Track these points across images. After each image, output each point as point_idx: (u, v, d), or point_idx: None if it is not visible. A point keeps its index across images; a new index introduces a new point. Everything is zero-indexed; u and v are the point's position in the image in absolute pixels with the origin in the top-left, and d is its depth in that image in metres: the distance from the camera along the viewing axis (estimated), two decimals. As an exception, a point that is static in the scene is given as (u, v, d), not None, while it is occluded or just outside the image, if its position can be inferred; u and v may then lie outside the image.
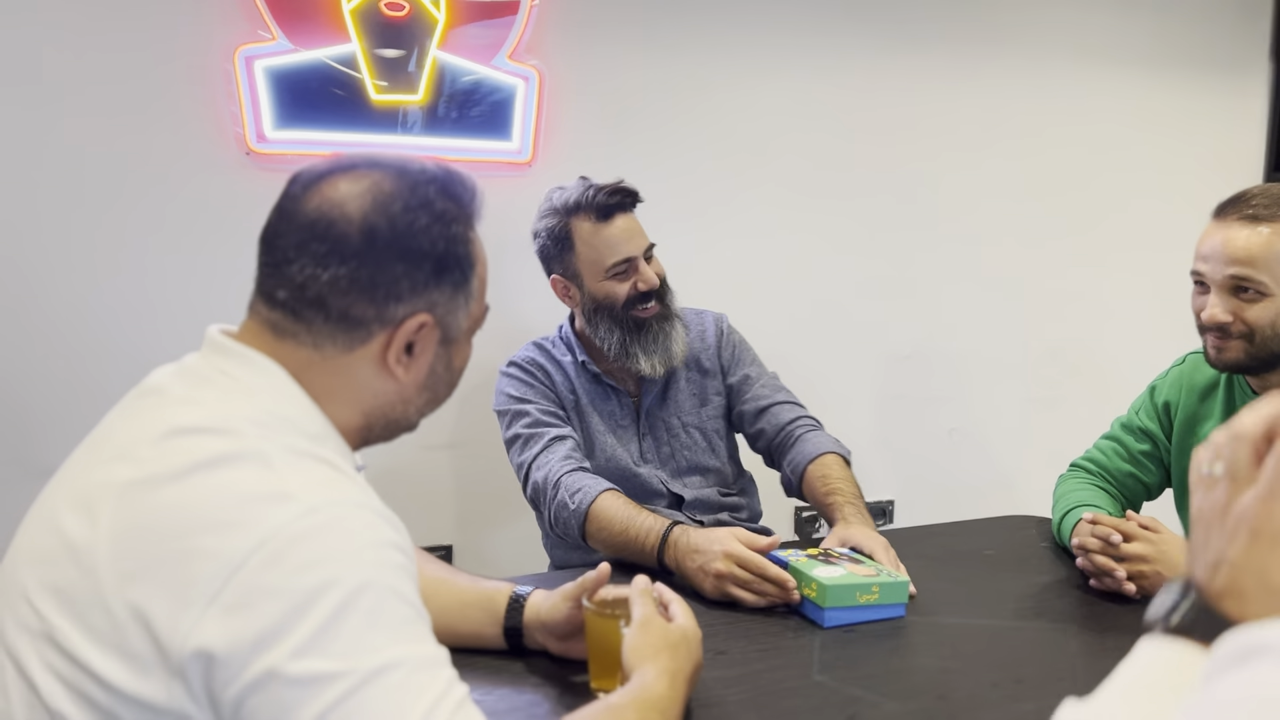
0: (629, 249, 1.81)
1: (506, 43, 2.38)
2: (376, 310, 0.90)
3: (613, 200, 1.80)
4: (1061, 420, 3.10)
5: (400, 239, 0.89)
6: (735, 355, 1.99)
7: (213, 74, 2.23)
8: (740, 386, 1.97)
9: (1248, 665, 0.53)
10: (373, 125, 2.31)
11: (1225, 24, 3.15)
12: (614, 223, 1.81)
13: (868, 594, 1.39)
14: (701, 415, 1.96)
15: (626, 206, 1.83)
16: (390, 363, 0.92)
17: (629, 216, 1.83)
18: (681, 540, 1.51)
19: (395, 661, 0.75)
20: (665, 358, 1.85)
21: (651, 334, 1.84)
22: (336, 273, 0.88)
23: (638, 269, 1.82)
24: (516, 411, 1.82)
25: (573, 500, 1.65)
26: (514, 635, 1.27)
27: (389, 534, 0.82)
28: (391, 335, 0.91)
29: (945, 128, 2.88)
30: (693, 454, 1.94)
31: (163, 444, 0.82)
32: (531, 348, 1.93)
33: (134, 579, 0.76)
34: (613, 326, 1.84)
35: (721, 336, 1.99)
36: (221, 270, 2.26)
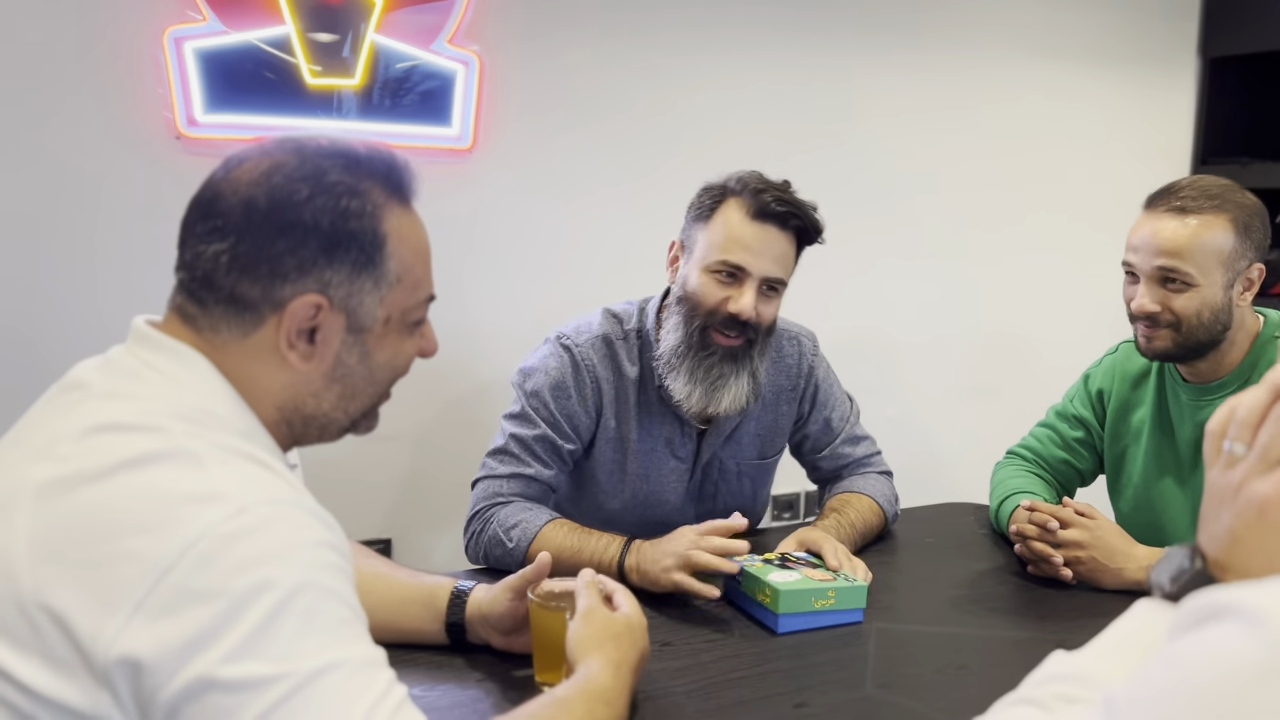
0: (749, 260, 1.55)
1: (445, 27, 2.33)
2: (262, 290, 0.86)
3: (776, 208, 1.56)
4: (998, 408, 3.15)
5: (278, 211, 0.85)
6: (817, 398, 1.79)
7: (140, 56, 2.15)
8: (819, 436, 1.80)
9: (1207, 625, 0.56)
10: (308, 109, 2.25)
11: (1155, 20, 3.21)
12: (762, 227, 1.55)
13: (823, 599, 1.34)
14: (759, 463, 1.79)
15: (787, 224, 1.57)
16: (283, 348, 0.87)
17: (783, 237, 1.57)
18: (644, 545, 1.44)
19: (333, 663, 0.73)
20: (707, 397, 1.60)
21: (709, 364, 1.59)
22: (219, 248, 0.85)
23: (742, 287, 1.56)
24: (524, 414, 1.63)
25: (509, 538, 1.51)
26: (456, 630, 1.24)
27: (324, 534, 0.79)
28: (281, 318, 0.87)
29: (878, 116, 2.90)
30: (734, 499, 1.78)
31: (85, 441, 0.78)
32: (598, 340, 1.66)
33: (54, 583, 0.72)
34: (680, 325, 1.60)
35: (807, 377, 1.78)
36: (149, 258, 2.19)
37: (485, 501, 1.58)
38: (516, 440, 1.61)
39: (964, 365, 3.14)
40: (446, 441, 2.53)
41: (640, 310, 1.72)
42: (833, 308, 2.95)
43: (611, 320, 1.70)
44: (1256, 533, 0.64)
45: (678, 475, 1.73)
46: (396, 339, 0.94)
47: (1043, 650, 0.80)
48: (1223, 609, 0.56)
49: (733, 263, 1.55)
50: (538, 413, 1.62)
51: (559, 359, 1.64)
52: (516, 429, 1.62)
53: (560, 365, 1.64)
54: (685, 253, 1.63)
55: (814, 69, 2.80)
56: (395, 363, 0.96)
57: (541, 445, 1.61)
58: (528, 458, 1.61)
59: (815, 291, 2.90)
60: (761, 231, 1.55)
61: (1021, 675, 0.72)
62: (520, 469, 1.60)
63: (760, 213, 1.55)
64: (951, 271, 3.06)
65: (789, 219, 1.57)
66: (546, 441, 1.62)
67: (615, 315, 1.70)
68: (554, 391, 1.62)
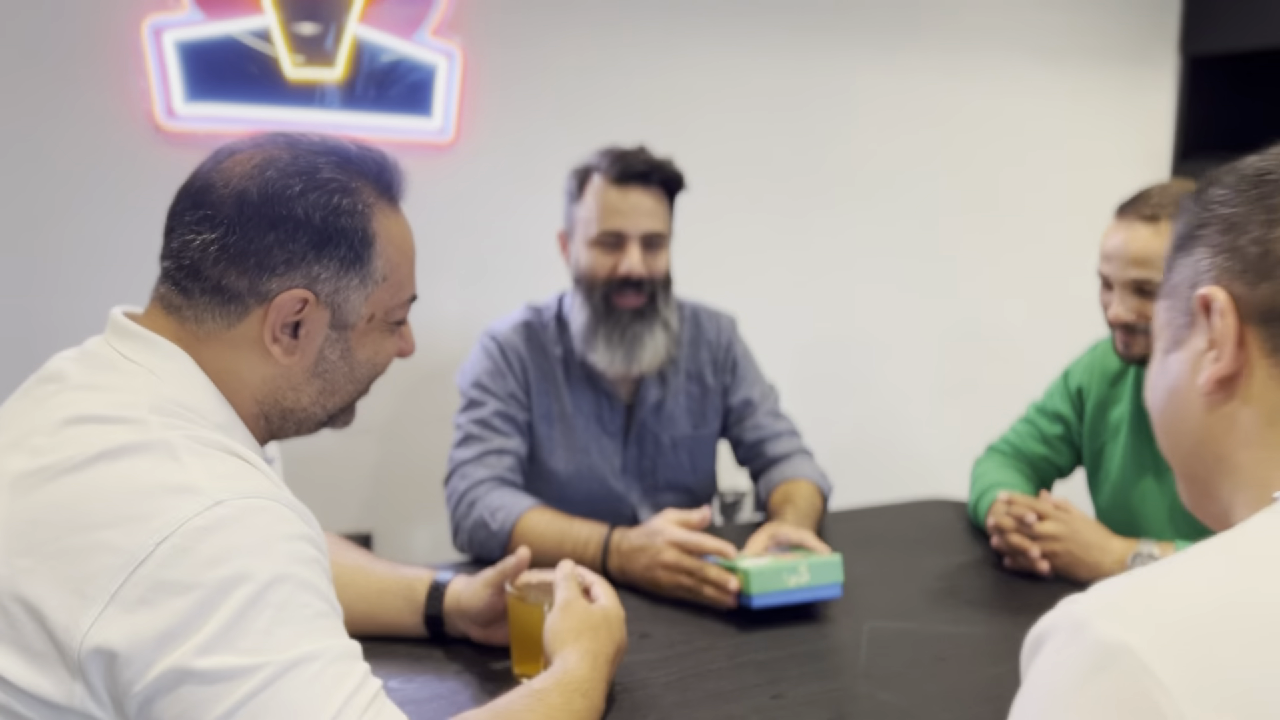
0: (623, 223, 1.65)
1: (428, 19, 2.33)
2: (249, 282, 0.86)
3: (634, 168, 1.65)
4: (976, 404, 3.16)
5: (270, 204, 0.85)
6: (737, 373, 1.86)
7: (119, 46, 2.14)
8: (740, 411, 1.85)
9: (1035, 657, 0.59)
10: (289, 101, 2.24)
11: (1135, 17, 3.23)
12: (625, 191, 1.65)
13: (796, 575, 1.34)
14: (694, 435, 1.84)
15: (649, 181, 1.67)
16: (267, 341, 0.88)
17: (648, 194, 1.67)
18: (623, 544, 1.45)
19: (309, 656, 0.73)
20: (629, 359, 1.68)
21: (621, 327, 1.67)
22: (208, 238, 0.85)
23: (626, 250, 1.66)
24: (473, 400, 1.70)
25: (493, 520, 1.53)
26: (435, 623, 1.25)
27: (300, 527, 0.79)
28: (267, 310, 0.87)
29: (857, 113, 2.90)
30: (674, 473, 1.83)
31: (61, 433, 0.78)
32: (520, 326, 1.76)
33: (28, 574, 0.72)
34: (584, 303, 1.69)
35: (726, 350, 1.85)
36: (128, 250, 2.18)
37: (465, 485, 1.61)
38: (476, 423, 1.68)
39: (945, 363, 3.15)
40: (426, 435, 2.52)
41: (559, 300, 1.81)
42: (814, 305, 2.96)
43: (531, 310, 1.80)
44: None
45: (613, 449, 1.79)
46: (378, 337, 0.95)
47: (1019, 643, 0.81)
48: (1040, 637, 0.59)
49: (610, 229, 1.66)
50: (485, 395, 1.70)
51: (485, 350, 1.75)
52: (472, 414, 1.69)
53: (489, 354, 1.74)
54: (569, 237, 1.74)
55: (797, 64, 2.81)
56: (376, 360, 0.96)
57: (499, 419, 1.69)
58: (490, 434, 1.67)
59: (796, 289, 2.92)
60: (628, 194, 1.66)
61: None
62: (488, 445, 1.66)
63: (622, 177, 1.66)
64: (931, 269, 3.08)
65: (649, 176, 1.67)
66: (502, 414, 1.69)
67: (534, 307, 1.81)
68: (491, 376, 1.72)
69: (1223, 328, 0.66)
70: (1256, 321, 0.65)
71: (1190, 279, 0.69)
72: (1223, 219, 0.69)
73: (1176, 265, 0.72)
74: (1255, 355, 0.65)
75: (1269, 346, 0.65)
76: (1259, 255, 0.65)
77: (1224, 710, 0.51)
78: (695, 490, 1.88)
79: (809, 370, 2.97)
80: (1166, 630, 0.54)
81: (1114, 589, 0.58)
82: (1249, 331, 0.65)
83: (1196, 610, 0.55)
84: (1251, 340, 0.65)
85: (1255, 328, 0.65)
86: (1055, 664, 0.57)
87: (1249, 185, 0.68)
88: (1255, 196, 0.67)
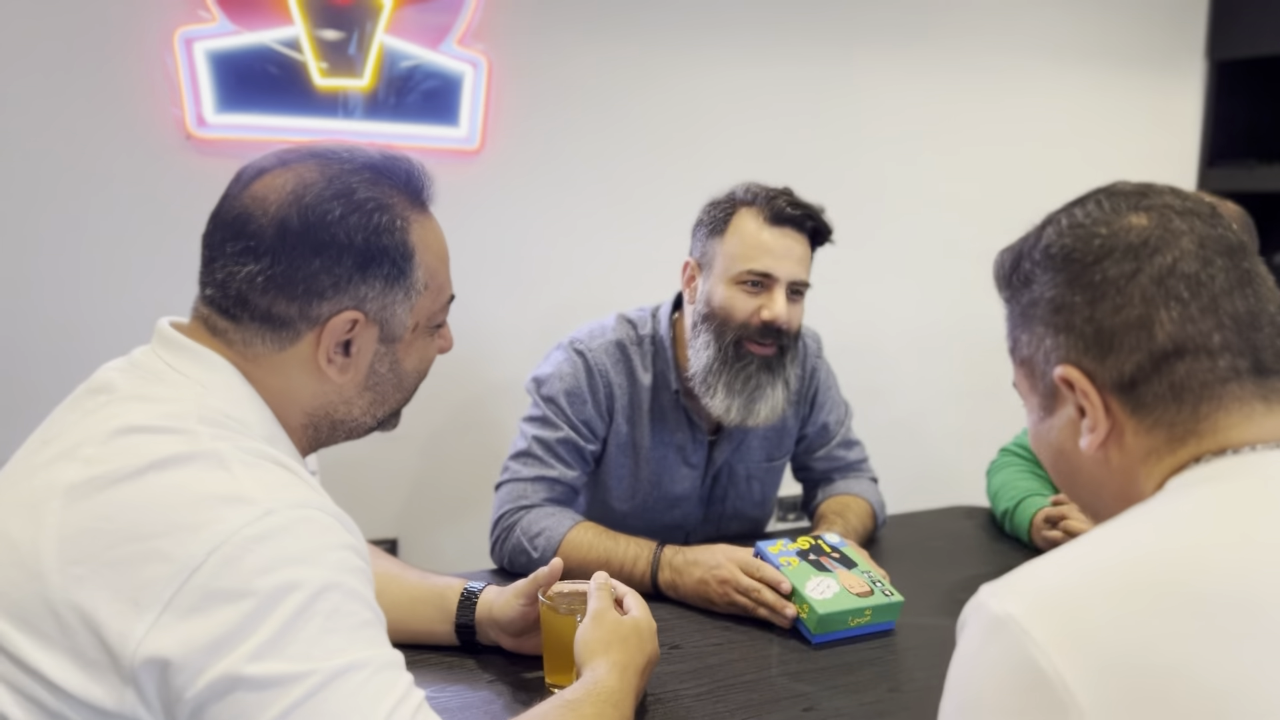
0: (775, 266, 1.55)
1: (454, 28, 2.34)
2: (299, 308, 0.87)
3: (792, 212, 1.56)
4: (1001, 411, 3.14)
5: (313, 231, 0.85)
6: (816, 399, 1.79)
7: (151, 56, 2.16)
8: (815, 439, 1.80)
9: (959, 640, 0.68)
10: (317, 110, 2.26)
11: (1161, 22, 3.21)
12: (780, 231, 1.56)
13: (860, 618, 1.33)
14: (767, 466, 1.79)
15: (803, 227, 1.58)
16: (322, 363, 0.89)
17: (800, 239, 1.58)
18: (676, 558, 1.43)
19: (356, 664, 0.74)
20: (746, 409, 1.58)
21: (746, 375, 1.57)
22: (252, 270, 0.86)
23: (772, 294, 1.56)
24: (544, 417, 1.61)
25: (534, 547, 1.49)
26: (466, 632, 1.25)
27: (346, 537, 0.80)
28: (320, 334, 0.88)
29: (883, 118, 2.90)
30: (743, 504, 1.79)
31: (112, 443, 0.79)
32: (612, 345, 1.65)
33: (82, 582, 0.73)
34: (711, 342, 1.58)
35: (810, 378, 1.78)
36: (161, 257, 2.20)
37: (510, 505, 1.56)
38: (539, 443, 1.60)
39: (967, 368, 3.14)
40: (454, 441, 2.54)
41: (653, 316, 1.71)
42: (831, 310, 2.95)
43: (626, 325, 1.69)
44: None
45: (690, 481, 1.73)
46: (423, 344, 0.97)
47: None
48: (962, 617, 0.68)
49: (759, 270, 1.55)
50: (558, 416, 1.61)
51: (572, 364, 1.64)
52: (539, 431, 1.61)
53: (574, 371, 1.63)
54: (703, 270, 1.62)
55: (822, 70, 2.81)
56: (421, 367, 0.98)
57: (565, 447, 1.61)
58: (551, 459, 1.60)
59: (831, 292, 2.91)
60: (781, 236, 1.56)
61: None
62: (544, 471, 1.59)
63: (777, 218, 1.56)
64: (951, 275, 3.06)
65: (804, 221, 1.58)
66: (569, 443, 1.61)
67: (629, 321, 1.70)
68: (569, 397, 1.62)
69: (1090, 404, 0.74)
70: (1114, 390, 0.73)
71: (1042, 357, 0.77)
72: (1049, 301, 0.76)
73: (1021, 338, 0.80)
74: (1121, 416, 0.74)
75: (1130, 407, 0.73)
76: (1095, 334, 0.73)
77: (1100, 667, 0.58)
78: (758, 518, 1.85)
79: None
80: (1044, 597, 0.62)
81: (1015, 571, 0.67)
82: (1110, 399, 0.74)
83: (1072, 578, 0.63)
84: (1114, 406, 0.74)
85: (1114, 395, 0.73)
86: (962, 645, 0.67)
87: (1058, 267, 0.76)
88: (1069, 279, 0.75)
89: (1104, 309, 0.73)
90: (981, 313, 3.13)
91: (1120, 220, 0.74)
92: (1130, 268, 0.72)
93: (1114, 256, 0.73)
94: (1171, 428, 0.72)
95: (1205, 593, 0.60)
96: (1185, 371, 0.71)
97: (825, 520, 1.65)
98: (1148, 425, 0.72)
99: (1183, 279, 0.71)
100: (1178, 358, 0.71)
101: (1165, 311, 0.71)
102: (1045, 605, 0.62)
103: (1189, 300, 0.71)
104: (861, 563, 1.42)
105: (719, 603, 1.39)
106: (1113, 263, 0.73)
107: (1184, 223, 0.73)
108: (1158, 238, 0.72)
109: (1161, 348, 0.71)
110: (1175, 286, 0.71)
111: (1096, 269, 0.73)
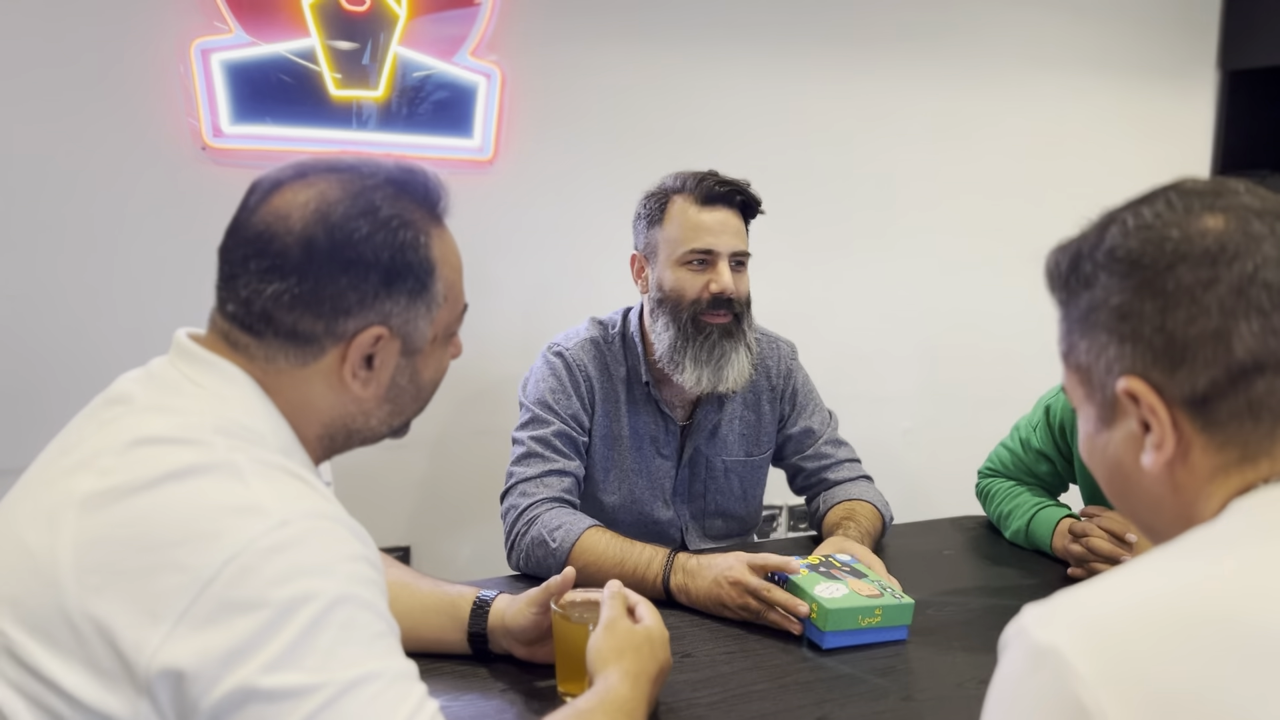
0: (715, 242, 1.66)
1: (468, 39, 2.36)
2: (325, 325, 0.87)
3: (720, 189, 1.67)
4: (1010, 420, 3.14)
5: (340, 250, 0.86)
6: (798, 402, 1.85)
7: (168, 67, 2.18)
8: (800, 439, 1.85)
9: (998, 664, 0.66)
10: (332, 121, 2.28)
11: (1173, 32, 3.21)
12: (713, 210, 1.66)
13: (870, 617, 1.33)
14: (747, 461, 1.84)
15: (733, 203, 1.68)
16: (347, 378, 0.89)
17: (733, 214, 1.69)
18: (690, 562, 1.44)
19: (370, 675, 0.74)
20: (715, 376, 1.67)
21: (709, 344, 1.66)
22: (279, 288, 0.86)
23: (716, 268, 1.66)
24: (536, 417, 1.69)
25: (552, 538, 1.52)
26: (479, 640, 1.25)
27: (359, 548, 0.81)
28: (345, 350, 0.88)
29: (894, 126, 2.90)
30: (724, 499, 1.83)
31: (129, 454, 0.79)
32: (587, 343, 1.75)
33: (98, 592, 0.73)
34: (670, 323, 1.68)
35: (786, 378, 1.85)
36: (178, 267, 2.22)
37: (526, 501, 1.60)
38: (537, 440, 1.66)
39: (989, 376, 3.13)
40: (463, 448, 2.55)
41: (624, 317, 1.80)
42: (855, 318, 2.95)
43: (597, 326, 1.79)
44: None
45: (665, 472, 1.79)
46: (439, 354, 0.98)
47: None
48: (1003, 641, 0.66)
49: (700, 248, 1.66)
50: (547, 413, 1.69)
51: (552, 366, 1.73)
52: (533, 432, 1.68)
53: (555, 370, 1.72)
54: (649, 260, 1.73)
55: (838, 79, 2.81)
56: (437, 377, 0.99)
57: (561, 439, 1.67)
58: (552, 453, 1.66)
59: (839, 303, 2.91)
60: (714, 213, 1.67)
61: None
62: (549, 465, 1.64)
63: (708, 198, 1.67)
64: (963, 285, 3.06)
65: (733, 196, 1.69)
66: (564, 435, 1.68)
67: (600, 322, 1.80)
68: (554, 395, 1.70)
69: (1157, 420, 0.70)
70: (1183, 405, 0.69)
71: (1104, 366, 0.72)
72: (1114, 308, 0.71)
73: (1078, 344, 0.75)
74: (1189, 433, 0.69)
75: (1200, 424, 0.69)
76: (1165, 345, 0.68)
77: (1142, 703, 0.56)
78: (744, 517, 1.87)
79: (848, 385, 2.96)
80: (1089, 630, 0.60)
81: (1056, 597, 0.64)
82: (1178, 414, 0.69)
83: (1117, 610, 0.61)
84: (1183, 422, 0.69)
85: (1183, 411, 0.69)
86: (1003, 668, 0.64)
87: (1125, 271, 0.71)
88: (1137, 285, 0.70)
89: (1176, 319, 0.67)
90: (996, 322, 3.13)
91: (1194, 222, 0.69)
92: (1206, 275, 0.67)
93: (1188, 262, 0.68)
94: (1244, 447, 0.68)
95: (1262, 629, 0.57)
96: (1265, 389, 0.66)
97: (839, 529, 1.65)
98: (1218, 443, 0.68)
99: (1264, 288, 0.66)
100: (1257, 373, 0.66)
101: (1245, 324, 0.66)
102: (1091, 638, 0.59)
103: (1270, 311, 0.66)
104: (871, 574, 1.42)
105: (731, 605, 1.39)
106: (1187, 269, 0.67)
107: (1264, 225, 0.68)
108: (1236, 243, 0.67)
109: (1240, 363, 0.66)
110: (1257, 296, 0.66)
111: (1169, 275, 0.68)
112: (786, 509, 2.88)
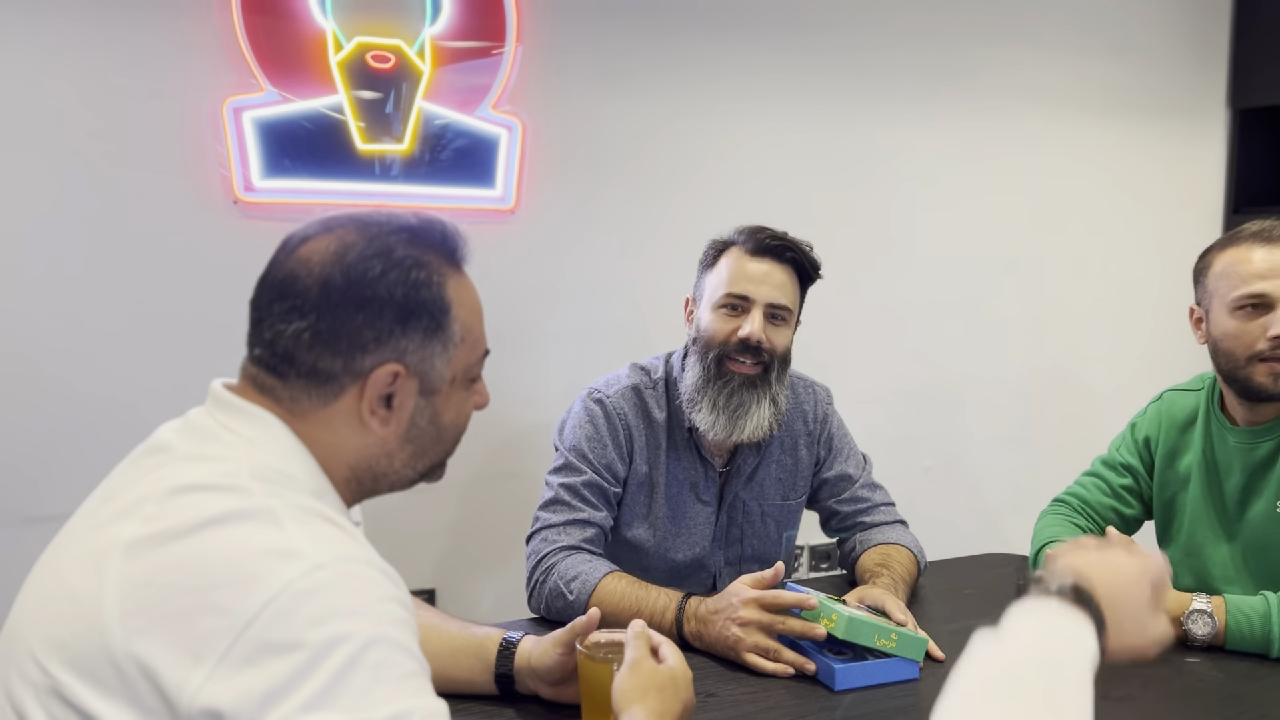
0: (753, 289, 1.67)
1: (490, 93, 2.42)
2: (343, 362, 0.91)
3: (771, 243, 1.69)
4: (1037, 457, 3.14)
5: (355, 288, 0.90)
6: (833, 447, 1.86)
7: (201, 124, 2.25)
8: (836, 484, 1.85)
9: None
10: (359, 174, 2.34)
11: (1183, 71, 3.24)
12: (760, 261, 1.69)
13: (886, 639, 1.34)
14: (783, 505, 1.84)
15: (783, 257, 1.70)
16: (365, 415, 0.93)
17: (781, 269, 1.70)
18: (700, 609, 1.46)
19: (403, 713, 0.76)
20: (731, 424, 1.67)
21: (728, 391, 1.67)
22: (299, 327, 0.90)
23: (749, 315, 1.67)
24: (569, 464, 1.70)
25: (570, 590, 1.54)
26: (505, 681, 1.28)
27: (391, 589, 0.83)
28: (363, 387, 0.92)
29: (918, 167, 2.94)
30: (760, 544, 1.84)
31: (170, 501, 0.83)
32: (627, 390, 1.75)
33: (142, 634, 0.76)
34: (697, 363, 1.70)
35: (822, 423, 1.86)
36: (209, 318, 2.27)
37: (547, 548, 1.61)
38: (566, 489, 1.68)
39: (1001, 415, 3.14)
40: (490, 492, 2.57)
41: (666, 360, 1.81)
42: (875, 358, 2.97)
43: (639, 372, 1.80)
44: None
45: (704, 518, 1.78)
46: (460, 397, 1.00)
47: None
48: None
49: (736, 293, 1.68)
50: (581, 462, 1.70)
51: (590, 413, 1.73)
52: (564, 479, 1.69)
53: (593, 418, 1.72)
54: (697, 303, 1.76)
55: (854, 122, 2.86)
56: (459, 421, 1.01)
57: (590, 489, 1.68)
58: (579, 503, 1.67)
59: (858, 343, 2.93)
60: (760, 265, 1.69)
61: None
62: (574, 515, 1.66)
63: (757, 249, 1.69)
64: (987, 323, 3.08)
65: (784, 252, 1.70)
66: (594, 486, 1.69)
67: (642, 368, 1.81)
68: (590, 443, 1.71)
69: None
70: None
71: None
72: None
73: None
74: None
75: None
76: None
77: None
78: (775, 559, 1.86)
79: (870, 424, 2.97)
80: None
81: None
82: None
83: None
84: None
85: None
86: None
87: None
88: None
89: None
90: (1021, 361, 3.14)
91: None
92: None
93: None
94: None
95: None
96: None
97: (872, 576, 1.65)
98: None
99: None
100: None
101: None
102: None
103: None
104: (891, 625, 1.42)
105: (745, 652, 1.39)
106: None
107: None
108: None
109: None
110: None
111: None
112: (808, 549, 2.88)
